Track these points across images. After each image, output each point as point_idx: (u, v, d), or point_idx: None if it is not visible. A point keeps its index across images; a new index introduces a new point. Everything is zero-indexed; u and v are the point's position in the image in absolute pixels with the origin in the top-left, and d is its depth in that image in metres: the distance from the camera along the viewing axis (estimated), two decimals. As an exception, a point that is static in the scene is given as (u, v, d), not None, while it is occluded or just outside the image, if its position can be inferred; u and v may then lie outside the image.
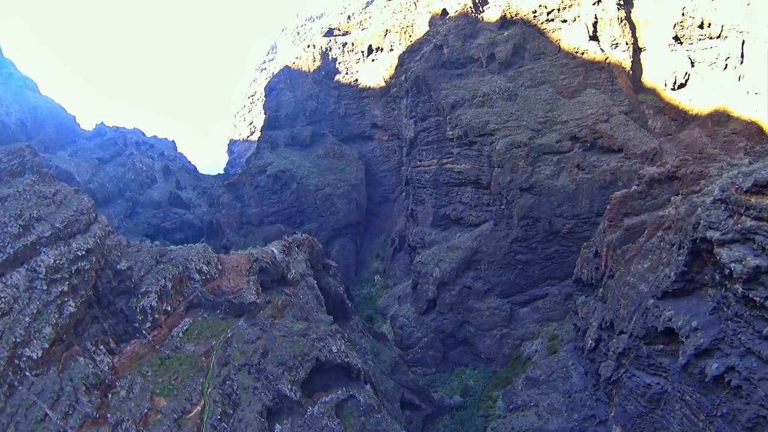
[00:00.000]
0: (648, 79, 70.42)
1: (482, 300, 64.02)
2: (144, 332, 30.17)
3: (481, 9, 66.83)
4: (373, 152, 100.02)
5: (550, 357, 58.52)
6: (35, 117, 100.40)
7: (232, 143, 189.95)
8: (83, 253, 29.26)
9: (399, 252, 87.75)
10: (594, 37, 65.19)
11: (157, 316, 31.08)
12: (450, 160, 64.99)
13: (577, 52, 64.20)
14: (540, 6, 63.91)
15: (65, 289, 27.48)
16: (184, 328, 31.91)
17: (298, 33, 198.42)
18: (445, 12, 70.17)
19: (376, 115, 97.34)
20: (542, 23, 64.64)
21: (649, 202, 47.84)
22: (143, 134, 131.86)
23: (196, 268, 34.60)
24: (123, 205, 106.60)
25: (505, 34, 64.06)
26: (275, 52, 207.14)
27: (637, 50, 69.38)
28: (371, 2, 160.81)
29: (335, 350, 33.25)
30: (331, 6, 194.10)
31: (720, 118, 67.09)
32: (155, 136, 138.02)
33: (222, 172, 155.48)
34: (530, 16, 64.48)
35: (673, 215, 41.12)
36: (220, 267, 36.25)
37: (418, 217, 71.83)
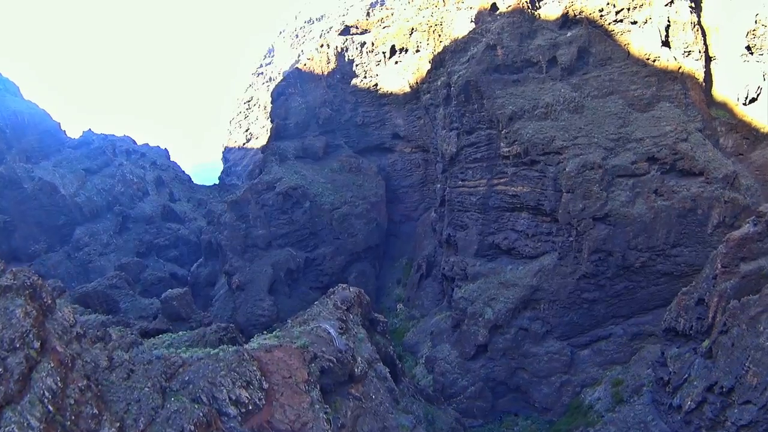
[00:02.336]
0: (719, 92, 62.63)
1: (540, 344, 55.09)
2: None
3: (537, 5, 58.06)
4: (393, 166, 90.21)
5: (622, 409, 50.52)
6: (16, 123, 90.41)
7: (227, 150, 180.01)
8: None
9: (426, 279, 78.43)
10: (665, 43, 57.11)
11: (177, 501, 18.17)
12: (503, 180, 55.75)
13: (648, 59, 55.87)
14: (608, 4, 55.42)
15: None
16: (223, 499, 19.30)
17: (297, 36, 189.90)
18: (494, 7, 60.94)
19: (398, 124, 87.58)
20: (609, 24, 56.21)
21: (767, 245, 39.69)
22: (134, 142, 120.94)
23: (229, 398, 21.82)
24: (112, 220, 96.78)
25: (569, 35, 55.32)
26: (272, 56, 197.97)
27: (707, 60, 61.77)
28: (376, 4, 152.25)
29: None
30: (331, 8, 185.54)
31: (793, 137, 60.27)
32: (147, 144, 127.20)
33: (217, 181, 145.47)
34: (596, 15, 55.98)
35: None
36: (265, 385, 23.30)
37: (457, 244, 62.53)
